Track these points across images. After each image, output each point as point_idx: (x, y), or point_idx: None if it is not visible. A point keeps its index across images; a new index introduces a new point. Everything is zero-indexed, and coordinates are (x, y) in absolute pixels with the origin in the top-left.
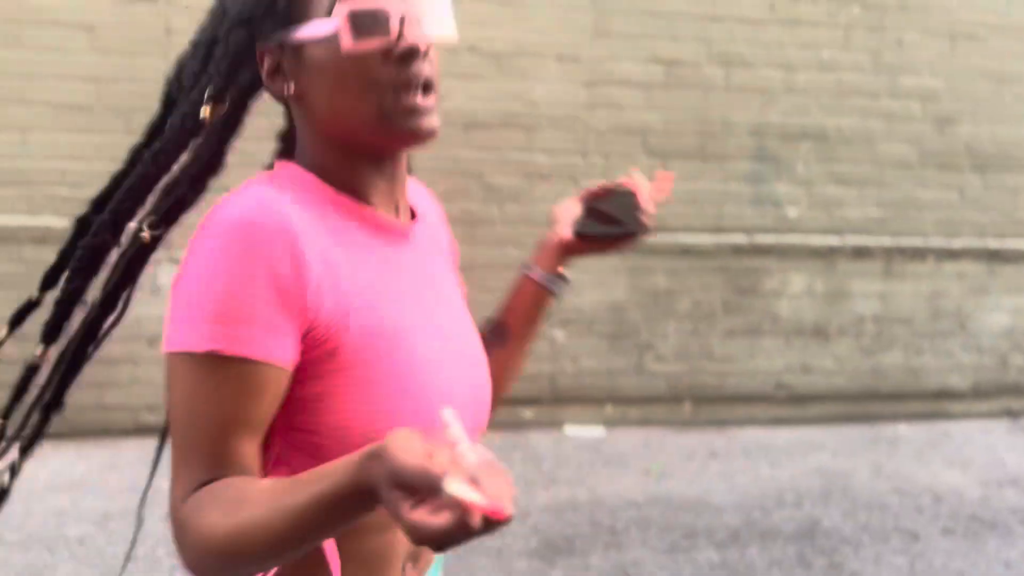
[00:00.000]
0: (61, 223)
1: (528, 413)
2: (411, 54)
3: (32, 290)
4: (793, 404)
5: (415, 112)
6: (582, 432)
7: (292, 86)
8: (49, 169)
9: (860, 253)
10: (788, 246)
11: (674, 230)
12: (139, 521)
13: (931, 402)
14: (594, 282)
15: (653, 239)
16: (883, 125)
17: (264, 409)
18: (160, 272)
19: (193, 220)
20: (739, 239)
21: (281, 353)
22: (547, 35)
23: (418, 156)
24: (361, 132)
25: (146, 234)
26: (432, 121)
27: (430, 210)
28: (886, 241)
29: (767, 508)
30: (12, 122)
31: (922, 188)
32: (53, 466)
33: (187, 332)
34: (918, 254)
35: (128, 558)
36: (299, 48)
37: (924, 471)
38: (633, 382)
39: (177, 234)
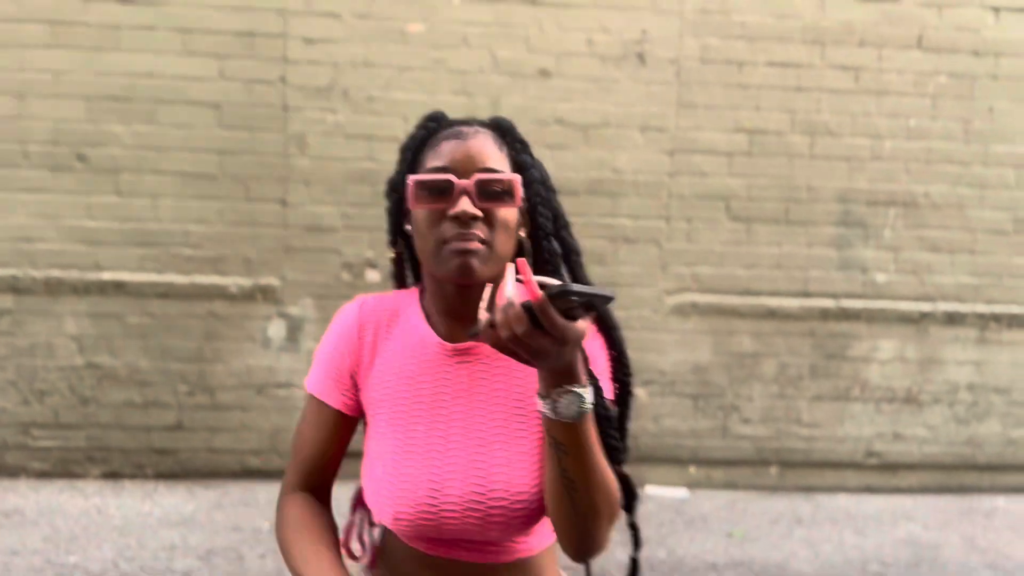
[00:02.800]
0: (184, 280)
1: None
2: (457, 218)
3: (153, 341)
4: (883, 472)
5: (453, 257)
6: (665, 492)
7: (410, 227)
8: (175, 231)
9: (953, 319)
10: (877, 311)
11: (759, 293)
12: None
13: None
14: (677, 343)
15: (738, 302)
16: (975, 192)
17: (320, 436)
18: (269, 327)
19: None
20: (826, 303)
21: (331, 397)
22: (632, 107)
23: None
24: (426, 265)
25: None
26: (466, 262)
27: None
28: (980, 308)
29: None
30: (146, 189)
31: (1018, 256)
32: (165, 504)
33: (306, 381)
34: (1015, 321)
35: None
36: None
37: (1021, 544)
38: (718, 444)
39: (288, 291)
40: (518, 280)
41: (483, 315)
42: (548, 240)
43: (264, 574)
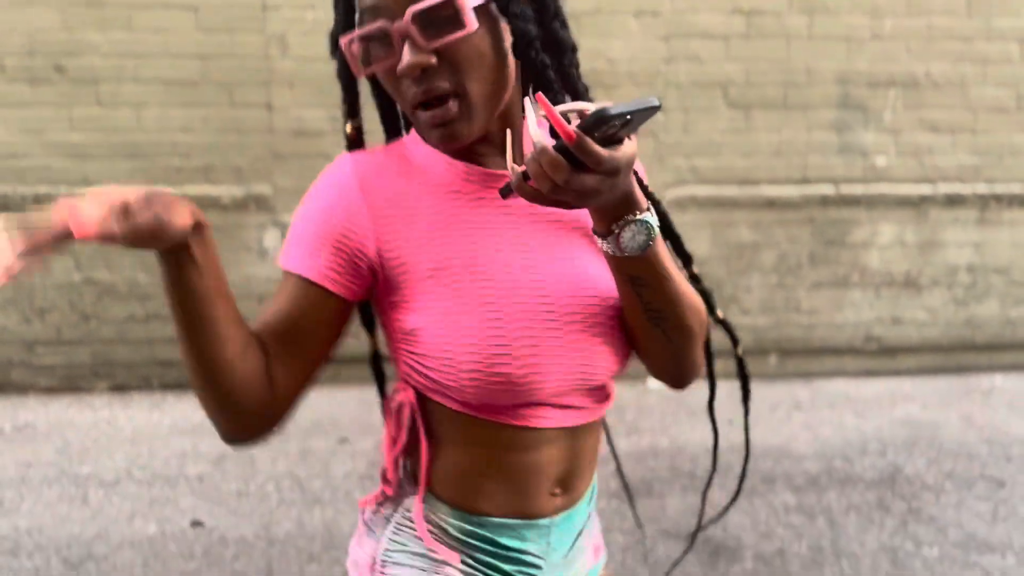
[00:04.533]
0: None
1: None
2: (407, 74)
3: (150, 254)
4: (883, 356)
5: (428, 128)
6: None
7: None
8: (162, 142)
9: (953, 201)
10: (877, 196)
11: (758, 182)
12: None
13: None
14: None
15: (737, 192)
16: (977, 69)
17: (301, 315)
18: (265, 236)
19: None
20: (826, 190)
21: (317, 273)
22: None
23: None
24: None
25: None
26: (446, 132)
27: None
28: (981, 188)
29: (849, 456)
30: (128, 99)
31: (1019, 133)
32: (174, 413)
33: (281, 259)
34: (1016, 200)
35: None
36: None
37: (1018, 422)
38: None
39: (280, 199)
40: (542, 116)
41: (512, 168)
42: (533, 50)
43: (276, 476)
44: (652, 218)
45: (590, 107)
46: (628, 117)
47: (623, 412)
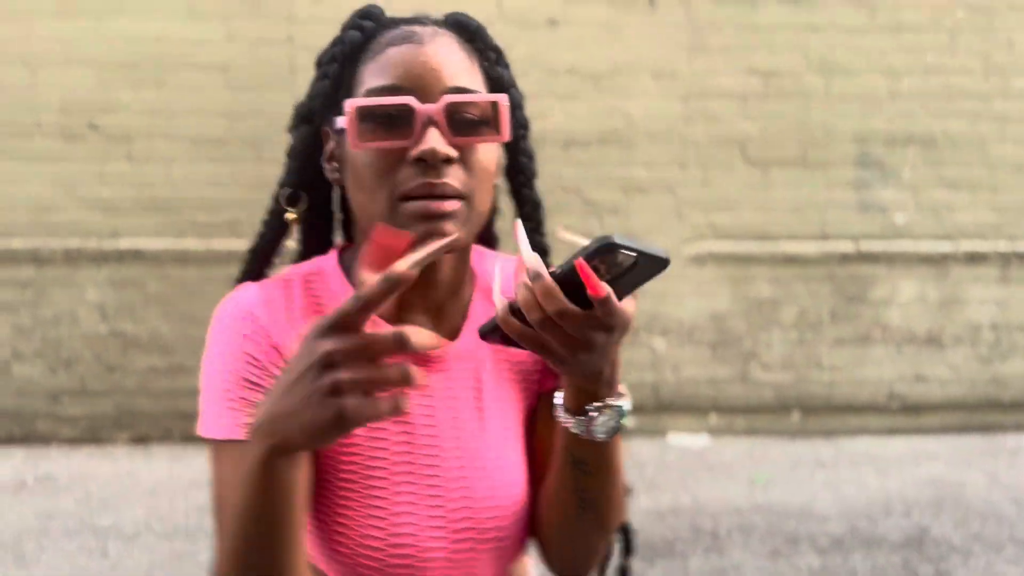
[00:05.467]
0: (200, 246)
1: (630, 421)
2: (423, 161)
3: (175, 307)
4: (906, 414)
5: (417, 222)
6: (686, 441)
7: (338, 174)
8: (190, 197)
9: (974, 259)
10: (897, 253)
11: (777, 238)
12: None
13: None
14: (695, 292)
15: (756, 248)
16: (995, 127)
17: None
18: None
19: None
20: (845, 246)
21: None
22: (643, 53)
23: None
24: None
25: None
26: (438, 229)
27: None
28: (1002, 246)
29: (873, 517)
30: (158, 155)
31: None
32: (194, 466)
33: (203, 427)
34: None
35: None
36: (341, 135)
37: None
38: (738, 391)
39: None
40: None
41: (499, 300)
42: (530, 188)
43: None
44: (628, 404)
45: (584, 240)
46: (634, 257)
47: (642, 468)
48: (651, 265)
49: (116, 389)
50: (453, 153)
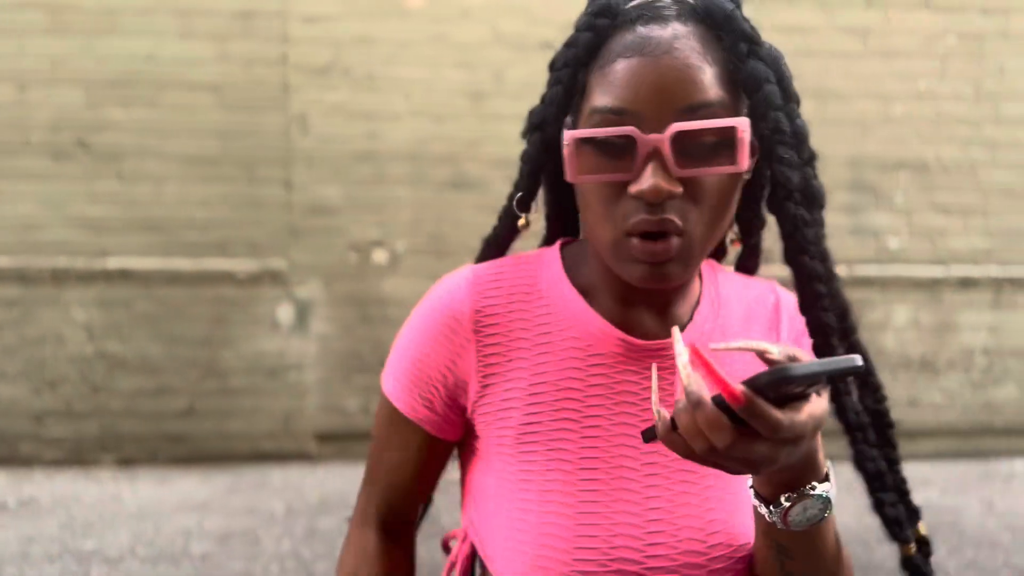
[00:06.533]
0: (190, 266)
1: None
2: (646, 198)
3: (163, 327)
4: (901, 439)
5: (635, 265)
6: None
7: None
8: (180, 216)
9: (967, 284)
10: (891, 277)
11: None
12: None
13: None
14: None
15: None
16: (986, 153)
17: (406, 460)
18: (278, 310)
19: None
20: (839, 270)
21: (415, 413)
22: None
23: None
24: (600, 251)
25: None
26: (657, 272)
27: (753, 329)
28: (994, 271)
29: (868, 543)
30: (149, 174)
31: None
32: (180, 489)
33: (383, 377)
34: None
35: None
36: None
37: None
38: None
39: (295, 274)
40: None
41: (658, 412)
42: (791, 201)
43: (280, 555)
44: (831, 490)
45: (771, 350)
46: (818, 379)
47: None
48: (843, 373)
49: (101, 410)
50: (677, 189)
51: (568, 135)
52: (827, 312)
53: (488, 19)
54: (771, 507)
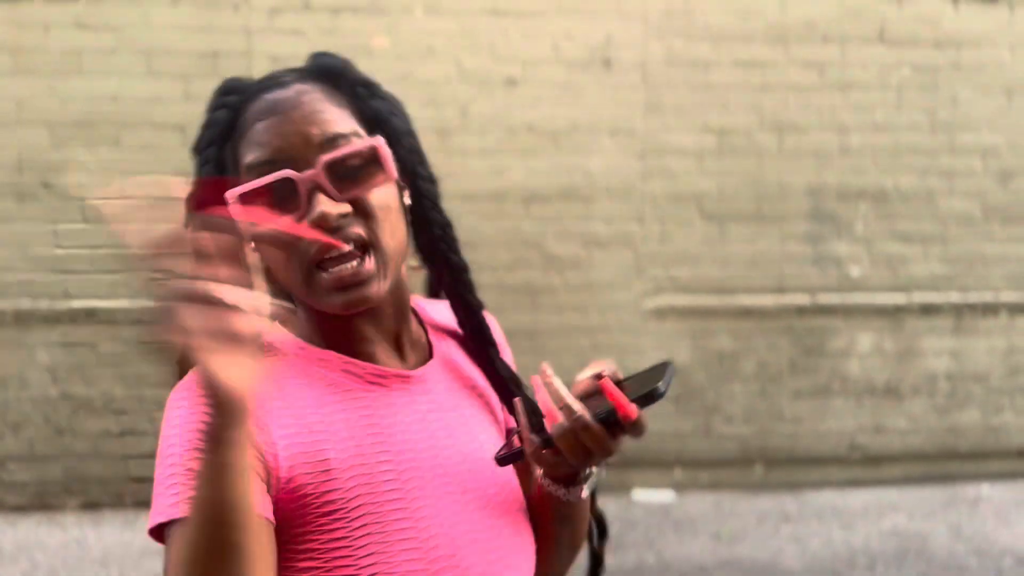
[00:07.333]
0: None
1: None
2: (322, 225)
3: (128, 368)
4: (867, 465)
5: (333, 294)
6: (651, 496)
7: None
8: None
9: (928, 310)
10: (853, 305)
11: (735, 291)
12: None
13: (1014, 461)
14: (656, 345)
15: (715, 301)
16: (943, 182)
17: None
18: None
19: None
20: (802, 299)
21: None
22: (600, 112)
23: (480, 229)
24: (307, 301)
25: None
26: (355, 295)
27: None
28: (954, 297)
29: (839, 571)
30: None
31: (989, 242)
32: (146, 534)
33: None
34: (990, 309)
35: None
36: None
37: (1006, 532)
38: (702, 445)
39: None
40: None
41: (530, 439)
42: (436, 210)
43: None
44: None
45: (604, 368)
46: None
47: (608, 527)
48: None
49: (66, 453)
50: (346, 209)
51: (230, 195)
52: (474, 295)
53: (452, 56)
54: (570, 489)
